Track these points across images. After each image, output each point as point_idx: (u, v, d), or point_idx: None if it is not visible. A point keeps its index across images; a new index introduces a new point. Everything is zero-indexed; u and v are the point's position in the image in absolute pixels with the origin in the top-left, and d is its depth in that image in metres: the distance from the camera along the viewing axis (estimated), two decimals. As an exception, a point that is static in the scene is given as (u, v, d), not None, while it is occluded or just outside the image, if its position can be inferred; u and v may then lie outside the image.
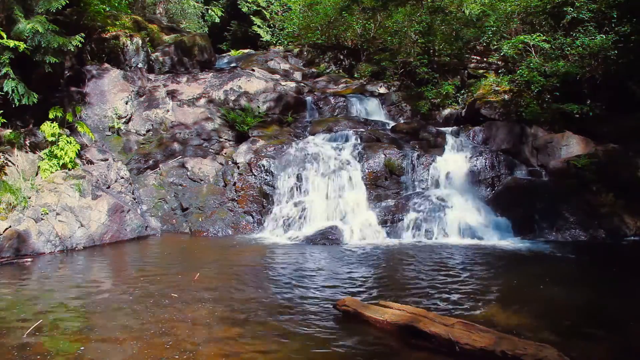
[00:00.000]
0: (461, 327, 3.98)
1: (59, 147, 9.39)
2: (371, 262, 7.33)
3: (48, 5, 9.51)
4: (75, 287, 5.88)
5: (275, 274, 6.54)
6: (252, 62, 16.38)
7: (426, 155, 10.28)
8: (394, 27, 14.83)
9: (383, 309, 4.56)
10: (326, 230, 8.88)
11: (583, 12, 10.84)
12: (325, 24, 17.41)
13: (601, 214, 8.90)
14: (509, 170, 10.11)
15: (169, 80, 13.29)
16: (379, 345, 4.11)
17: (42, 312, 4.92)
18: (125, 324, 4.57)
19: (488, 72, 13.46)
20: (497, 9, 12.71)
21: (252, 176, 10.20)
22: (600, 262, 7.37)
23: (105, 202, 8.78)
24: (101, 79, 11.92)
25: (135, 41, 13.15)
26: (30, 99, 9.39)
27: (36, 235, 7.75)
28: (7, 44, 8.83)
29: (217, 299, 5.32)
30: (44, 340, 4.18)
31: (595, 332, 4.36)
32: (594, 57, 10.52)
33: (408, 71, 14.20)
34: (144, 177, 10.70)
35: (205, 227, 9.59)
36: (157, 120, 11.92)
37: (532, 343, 3.68)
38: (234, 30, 25.57)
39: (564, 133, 10.32)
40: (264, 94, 12.84)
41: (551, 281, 5.99)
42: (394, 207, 9.47)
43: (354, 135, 10.97)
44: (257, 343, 4.13)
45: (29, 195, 8.32)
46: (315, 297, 5.41)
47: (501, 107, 11.39)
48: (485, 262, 7.13)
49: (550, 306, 5.11)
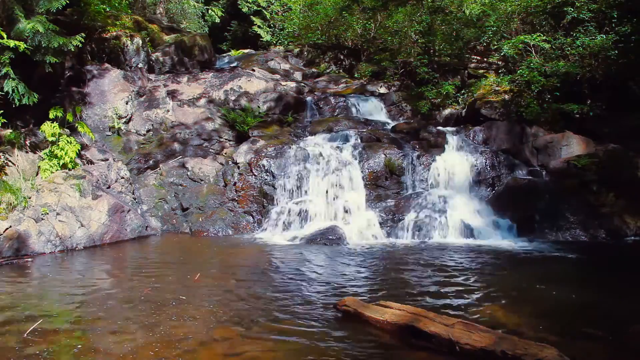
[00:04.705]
0: (461, 327, 3.98)
1: (59, 147, 9.40)
2: (371, 262, 7.34)
3: (48, 5, 9.52)
4: (75, 287, 5.89)
5: (275, 274, 6.54)
6: (252, 62, 16.38)
7: (426, 155, 10.29)
8: (394, 27, 14.83)
9: (383, 308, 4.56)
10: (326, 230, 8.88)
11: (583, 12, 10.85)
12: (326, 24, 17.42)
13: (601, 214, 8.90)
14: (509, 170, 10.11)
15: (169, 80, 13.31)
16: (379, 345, 4.11)
17: (42, 312, 4.91)
18: (125, 324, 4.58)
19: (488, 72, 13.46)
20: (497, 9, 12.70)
21: (253, 176, 10.20)
22: (600, 262, 7.37)
23: (105, 202, 8.78)
24: (101, 79, 11.93)
25: (135, 41, 13.16)
26: (31, 99, 9.40)
27: (36, 235, 7.75)
28: (7, 44, 8.84)
29: (217, 299, 5.32)
30: (44, 339, 4.18)
31: (595, 332, 4.35)
32: (594, 57, 10.52)
33: (408, 71, 14.22)
34: (144, 177, 10.71)
35: (205, 227, 9.59)
36: (157, 120, 11.93)
37: (533, 343, 3.68)
38: (234, 30, 25.59)
39: (564, 133, 10.32)
40: (264, 94, 12.84)
41: (551, 281, 5.98)
42: (394, 207, 9.47)
43: (354, 135, 10.98)
44: (257, 343, 4.14)
45: (29, 195, 8.32)
46: (316, 297, 5.41)
47: (501, 107, 11.39)
48: (486, 262, 7.13)
49: (550, 306, 5.11)
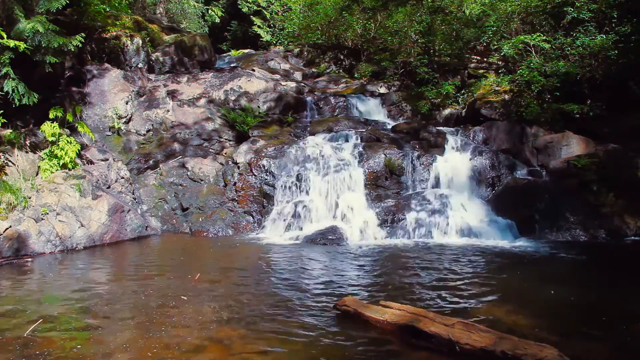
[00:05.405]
0: (461, 327, 3.98)
1: (59, 147, 9.40)
2: (371, 262, 7.33)
3: (48, 5, 9.52)
4: (75, 287, 5.89)
5: (275, 274, 6.54)
6: (252, 62, 16.38)
7: (426, 155, 10.29)
8: (394, 27, 14.83)
9: (383, 308, 4.56)
10: (326, 230, 8.88)
11: (583, 12, 10.85)
12: (326, 24, 17.42)
13: (601, 214, 8.90)
14: (509, 170, 10.11)
15: (169, 80, 13.31)
16: (379, 345, 4.11)
17: (43, 311, 4.92)
18: (126, 324, 4.58)
19: (488, 72, 13.46)
20: (497, 9, 12.70)
21: (253, 176, 10.20)
22: (600, 262, 7.36)
23: (105, 202, 8.78)
24: (101, 79, 11.94)
25: (135, 41, 13.16)
26: (31, 99, 9.40)
27: (36, 235, 7.75)
28: (7, 44, 8.84)
29: (217, 299, 5.32)
30: (45, 338, 4.19)
31: (595, 332, 4.36)
32: (594, 57, 10.52)
33: (408, 71, 14.21)
34: (144, 177, 10.71)
35: (205, 227, 9.59)
36: (157, 120, 11.93)
37: (532, 343, 3.68)
38: (234, 30, 25.58)
39: (564, 133, 10.32)
40: (264, 94, 12.84)
41: (551, 281, 5.99)
42: (394, 207, 9.47)
43: (354, 135, 10.98)
44: (257, 343, 4.14)
45: (29, 195, 8.32)
46: (316, 297, 5.41)
47: (501, 107, 11.39)
48: (485, 262, 7.13)
49: (550, 306, 5.12)
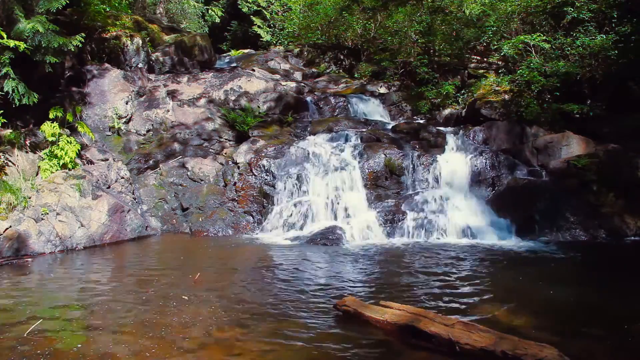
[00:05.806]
0: (461, 327, 3.98)
1: (59, 147, 9.39)
2: (371, 262, 7.33)
3: (48, 5, 9.52)
4: (76, 287, 5.89)
5: (275, 274, 6.53)
6: (252, 62, 16.39)
7: (426, 155, 10.28)
8: (394, 27, 14.83)
9: (383, 308, 4.56)
10: (326, 231, 8.87)
11: (583, 12, 10.84)
12: (326, 24, 17.42)
13: (601, 214, 8.89)
14: (509, 171, 10.09)
15: (169, 80, 13.31)
16: (379, 345, 4.11)
17: (42, 312, 4.92)
18: (126, 324, 4.58)
19: (488, 72, 13.46)
20: (497, 9, 12.70)
21: (253, 176, 10.20)
22: (600, 262, 7.36)
23: (105, 202, 8.78)
24: (101, 79, 11.94)
25: (135, 41, 13.16)
26: (31, 99, 9.40)
27: (36, 235, 7.75)
28: (7, 44, 8.83)
29: (217, 299, 5.32)
30: (44, 339, 4.19)
31: (595, 332, 4.36)
32: (594, 57, 10.51)
33: (408, 71, 14.22)
34: (144, 177, 10.70)
35: (205, 227, 9.59)
36: (157, 120, 11.93)
37: (532, 343, 3.68)
38: (234, 30, 25.59)
39: (564, 133, 10.31)
40: (265, 94, 12.84)
41: (551, 281, 5.99)
42: (394, 207, 9.46)
43: (354, 135, 10.98)
44: (257, 343, 4.13)
45: (29, 195, 8.32)
46: (316, 297, 5.41)
47: (501, 107, 11.39)
48: (486, 262, 7.13)
49: (550, 306, 5.12)
